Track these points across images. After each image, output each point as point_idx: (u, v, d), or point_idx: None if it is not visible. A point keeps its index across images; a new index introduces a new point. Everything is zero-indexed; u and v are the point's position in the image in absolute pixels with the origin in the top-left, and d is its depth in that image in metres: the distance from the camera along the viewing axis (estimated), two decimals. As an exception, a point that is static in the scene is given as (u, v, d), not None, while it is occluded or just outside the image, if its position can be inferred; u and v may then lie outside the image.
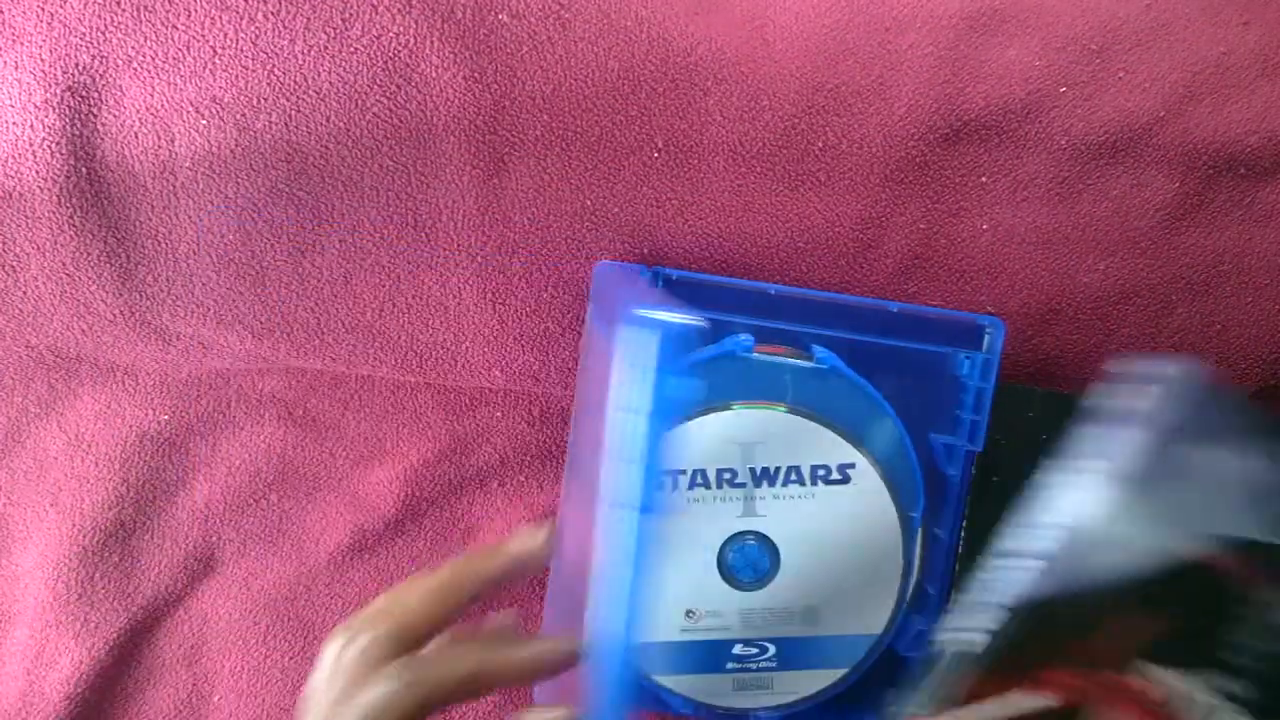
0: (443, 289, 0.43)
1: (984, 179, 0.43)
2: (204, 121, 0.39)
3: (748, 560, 0.41)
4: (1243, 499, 0.32)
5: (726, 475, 0.41)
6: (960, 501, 0.42)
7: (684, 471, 0.41)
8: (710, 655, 0.42)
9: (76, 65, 0.39)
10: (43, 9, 0.38)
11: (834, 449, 0.41)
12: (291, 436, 0.51)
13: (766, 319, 0.40)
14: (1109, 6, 0.42)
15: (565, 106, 0.40)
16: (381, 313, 0.44)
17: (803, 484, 0.41)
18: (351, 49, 0.39)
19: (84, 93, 0.39)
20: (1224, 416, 0.33)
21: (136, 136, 0.39)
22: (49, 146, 0.39)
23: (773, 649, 0.42)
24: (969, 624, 0.33)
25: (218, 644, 0.50)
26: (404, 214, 0.41)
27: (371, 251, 0.42)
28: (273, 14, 0.39)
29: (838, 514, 0.41)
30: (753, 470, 0.41)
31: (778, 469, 0.41)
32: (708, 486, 0.41)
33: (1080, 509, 0.32)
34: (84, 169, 0.40)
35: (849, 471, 0.41)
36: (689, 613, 0.42)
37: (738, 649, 0.42)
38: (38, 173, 0.39)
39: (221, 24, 0.39)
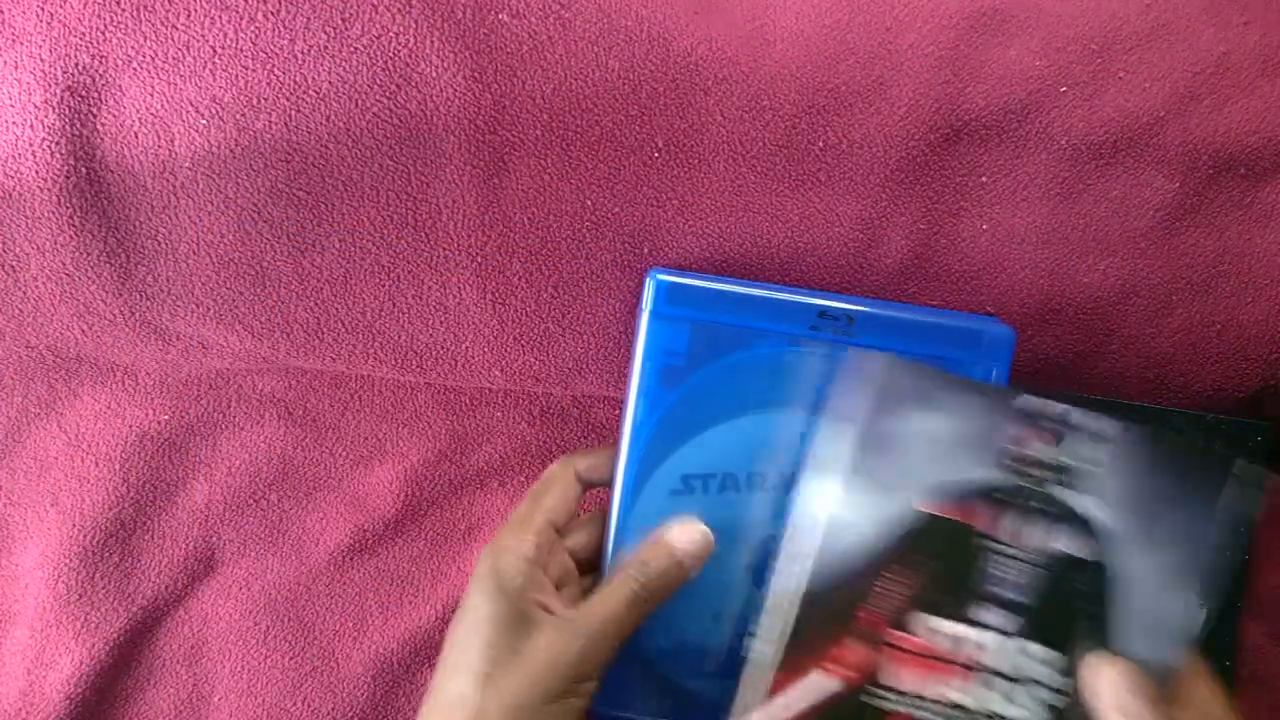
0: (443, 289, 0.43)
1: (984, 179, 0.43)
2: (204, 122, 0.39)
3: None
4: (954, 452, 0.36)
5: (758, 479, 0.41)
6: None
7: (714, 475, 0.41)
8: (740, 659, 0.42)
9: (76, 65, 0.39)
10: (43, 9, 0.38)
11: None
12: (291, 436, 0.51)
13: (771, 321, 0.40)
14: (1109, 6, 0.42)
15: (565, 106, 0.40)
16: (381, 313, 0.44)
17: None
18: (351, 49, 0.39)
19: (84, 93, 0.39)
20: (921, 388, 0.37)
21: (136, 136, 0.39)
22: (49, 146, 0.39)
23: None
24: (756, 630, 0.37)
25: (218, 644, 0.50)
26: (404, 214, 0.41)
27: (371, 251, 0.42)
28: (273, 14, 0.39)
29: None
30: (783, 475, 0.41)
31: None
32: (738, 490, 0.41)
33: (822, 501, 0.37)
34: (84, 169, 0.40)
35: None
36: (716, 615, 0.41)
37: None
38: (38, 173, 0.39)
39: (221, 24, 0.39)
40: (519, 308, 0.44)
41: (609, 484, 0.42)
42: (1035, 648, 0.36)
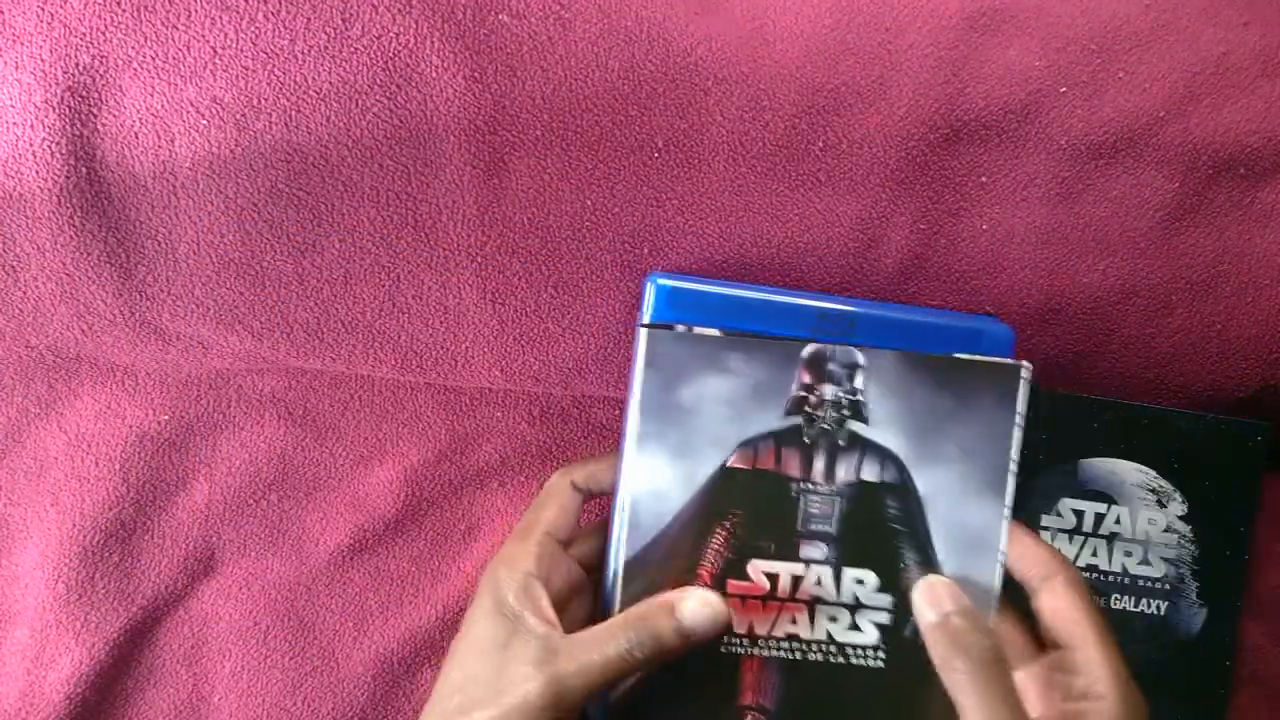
0: (443, 289, 0.43)
1: (984, 179, 0.43)
2: (204, 122, 0.39)
3: None
4: (751, 407, 0.39)
5: None
6: None
7: None
8: None
9: (76, 66, 0.39)
10: (43, 9, 0.38)
11: None
12: (291, 436, 0.51)
13: (771, 324, 0.40)
14: (1109, 6, 0.42)
15: (565, 106, 0.40)
16: (381, 313, 0.44)
17: None
18: (351, 49, 0.39)
19: (84, 93, 0.39)
20: (700, 355, 0.38)
21: (137, 137, 0.39)
22: (49, 147, 0.39)
23: None
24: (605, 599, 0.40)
25: (218, 644, 0.50)
26: (404, 214, 0.41)
27: (371, 251, 0.42)
28: (273, 14, 0.39)
29: None
30: None
31: None
32: None
33: (624, 478, 0.39)
34: (84, 170, 0.40)
35: None
36: None
37: None
38: (38, 173, 0.39)
39: (222, 25, 0.39)
40: (519, 308, 0.44)
41: (609, 493, 0.42)
42: (861, 574, 0.39)
